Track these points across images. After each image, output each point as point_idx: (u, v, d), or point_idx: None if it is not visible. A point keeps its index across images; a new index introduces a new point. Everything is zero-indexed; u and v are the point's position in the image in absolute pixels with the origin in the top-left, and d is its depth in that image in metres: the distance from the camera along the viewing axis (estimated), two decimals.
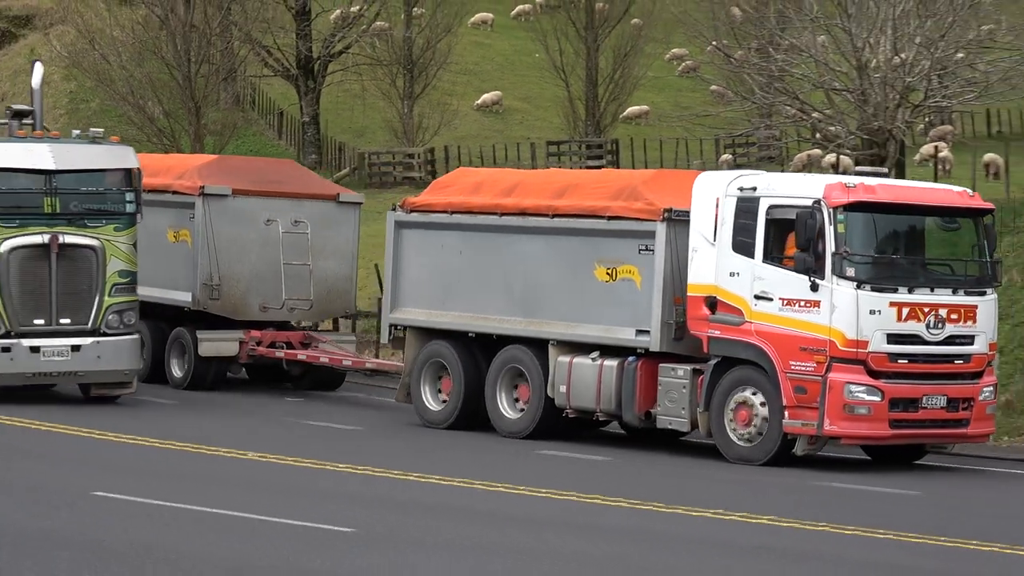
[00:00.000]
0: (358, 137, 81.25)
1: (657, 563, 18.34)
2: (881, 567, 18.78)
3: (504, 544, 19.04)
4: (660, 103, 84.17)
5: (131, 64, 70.95)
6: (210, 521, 19.72)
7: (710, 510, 22.12)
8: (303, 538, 18.54)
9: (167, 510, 20.30)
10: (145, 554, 17.36)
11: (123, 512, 20.23)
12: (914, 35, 43.96)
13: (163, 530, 18.93)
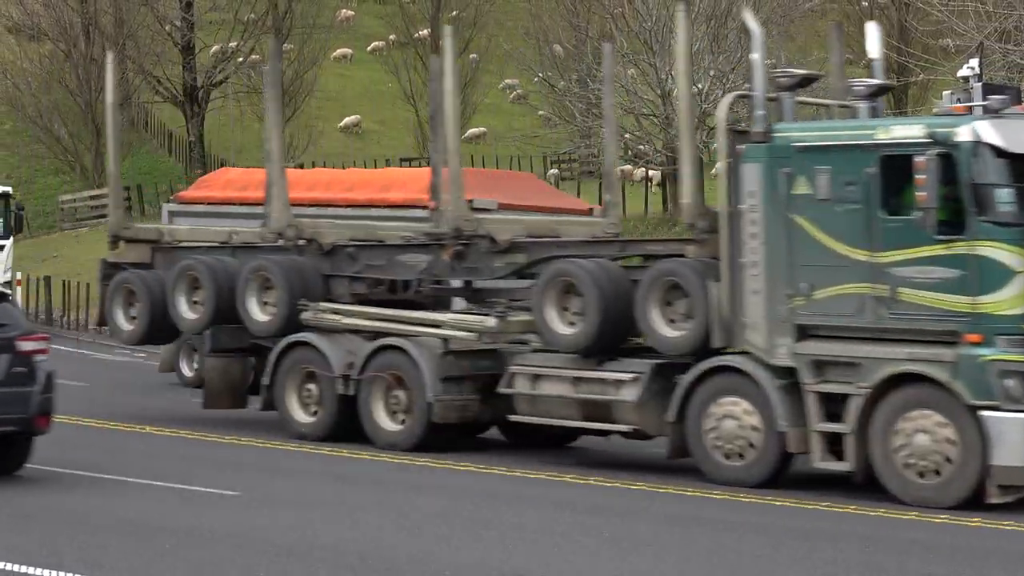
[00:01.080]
0: (238, 154, 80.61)
1: None
2: None
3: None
4: (496, 125, 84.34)
5: (39, 92, 70.15)
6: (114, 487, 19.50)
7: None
8: None
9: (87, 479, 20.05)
10: (60, 518, 17.16)
11: (45, 481, 19.94)
12: (708, 69, 44.50)
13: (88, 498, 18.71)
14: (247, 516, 17.41)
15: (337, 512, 17.78)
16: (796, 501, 19.46)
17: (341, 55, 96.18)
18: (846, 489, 19.88)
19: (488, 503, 19.00)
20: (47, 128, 69.32)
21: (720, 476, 20.60)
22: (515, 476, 21.56)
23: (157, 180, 74.89)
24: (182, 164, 78.59)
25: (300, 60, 78.30)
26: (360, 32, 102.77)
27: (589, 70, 48.77)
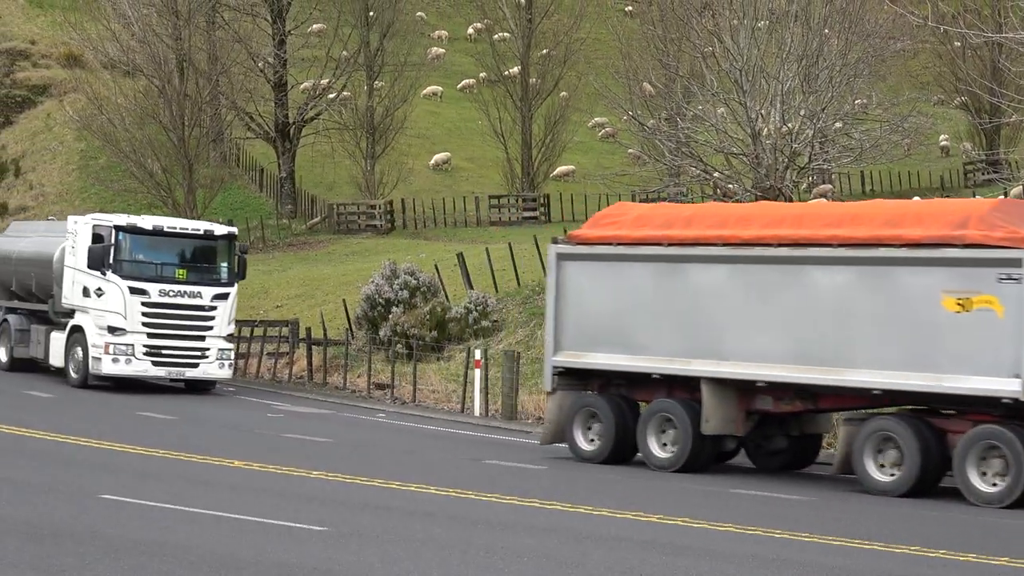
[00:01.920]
0: (328, 190, 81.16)
1: None
2: None
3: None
4: (584, 163, 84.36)
5: (133, 127, 70.75)
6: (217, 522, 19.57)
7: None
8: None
9: (169, 512, 20.14)
10: (147, 550, 17.24)
11: (127, 513, 20.04)
12: (799, 108, 44.29)
13: (164, 529, 18.80)
14: (334, 552, 17.40)
15: (422, 548, 17.74)
16: None
17: (431, 92, 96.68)
18: None
19: (571, 544, 18.90)
20: (140, 163, 69.90)
21: None
22: (601, 516, 21.44)
23: (248, 215, 75.43)
24: (273, 200, 79.11)
25: (391, 97, 78.71)
26: (451, 69, 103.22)
27: (679, 108, 48.66)
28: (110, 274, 39.47)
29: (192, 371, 40.07)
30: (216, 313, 40.08)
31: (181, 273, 40.09)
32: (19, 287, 43.74)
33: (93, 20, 76.53)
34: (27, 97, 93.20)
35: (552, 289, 29.13)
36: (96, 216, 41.43)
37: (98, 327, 39.48)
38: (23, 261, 43.53)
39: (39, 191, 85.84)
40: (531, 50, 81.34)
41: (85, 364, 39.83)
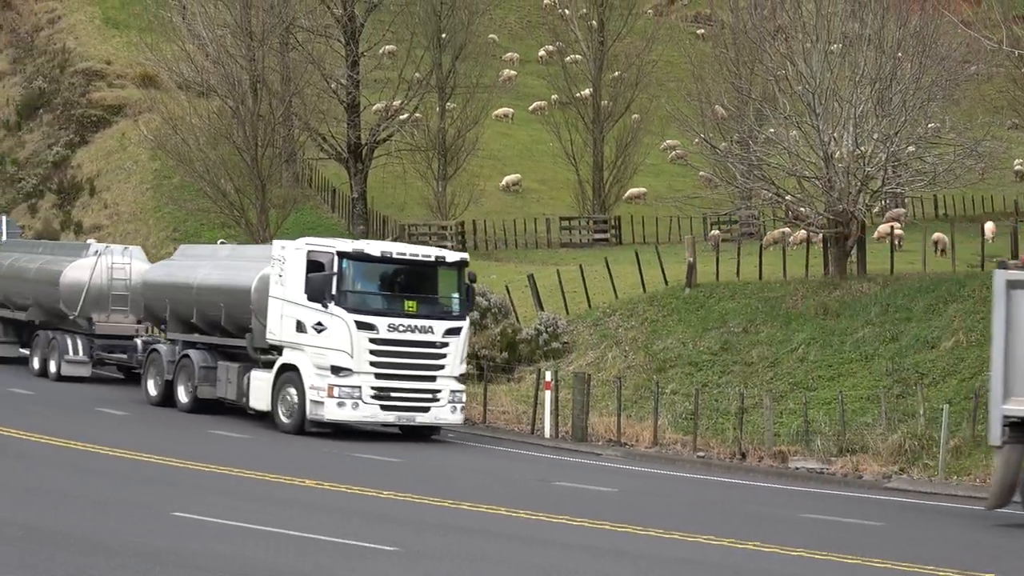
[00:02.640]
0: (399, 211, 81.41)
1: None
2: None
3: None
4: (656, 186, 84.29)
5: (207, 147, 71.21)
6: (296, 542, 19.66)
7: None
8: None
9: (250, 531, 20.25)
10: (219, 566, 17.34)
11: (201, 531, 20.16)
12: (872, 132, 44.12)
13: (239, 546, 18.90)
14: (404, 571, 17.46)
15: (493, 570, 17.76)
16: None
17: (502, 114, 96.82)
18: None
19: (656, 568, 18.87)
20: (214, 183, 70.35)
21: None
22: (672, 539, 21.39)
23: (320, 235, 75.70)
24: (345, 220, 79.44)
25: (462, 118, 78.96)
26: (522, 92, 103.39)
27: (751, 131, 48.57)
28: (333, 306, 34.79)
29: (422, 416, 35.64)
30: (448, 350, 35.60)
31: (411, 305, 35.46)
32: (202, 319, 39.74)
33: (168, 41, 77.09)
34: (102, 117, 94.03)
35: (1000, 323, 25.27)
36: (311, 241, 36.72)
37: (317, 367, 35.06)
38: (209, 291, 39.25)
39: (113, 210, 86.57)
40: (603, 72, 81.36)
41: (301, 408, 35.36)
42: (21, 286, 48.70)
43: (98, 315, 46.00)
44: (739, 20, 62.18)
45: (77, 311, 45.84)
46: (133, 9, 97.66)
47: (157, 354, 40.92)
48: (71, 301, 45.87)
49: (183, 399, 39.65)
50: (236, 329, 38.29)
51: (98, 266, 45.91)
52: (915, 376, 36.26)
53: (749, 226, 68.48)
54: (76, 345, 45.81)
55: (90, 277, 45.82)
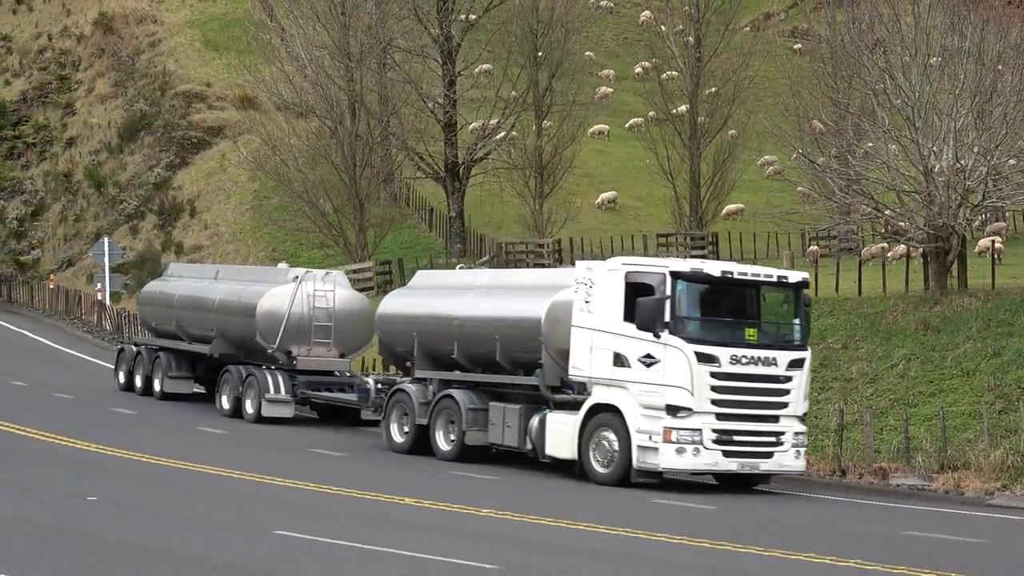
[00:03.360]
0: (496, 229, 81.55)
1: None
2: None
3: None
4: (753, 202, 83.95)
5: (306, 167, 71.80)
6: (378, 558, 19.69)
7: None
8: None
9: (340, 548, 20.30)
10: None
11: (299, 549, 20.26)
12: (972, 145, 43.72)
13: (333, 566, 18.96)
14: None
15: None
16: None
17: (597, 131, 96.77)
18: None
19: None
20: (312, 203, 70.89)
21: None
22: (773, 557, 21.24)
23: (418, 255, 76.06)
24: (442, 239, 79.70)
25: (559, 136, 79.00)
26: (619, 109, 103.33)
27: (849, 146, 48.25)
28: (667, 336, 30.23)
29: (766, 463, 31.28)
30: (791, 385, 31.30)
31: (751, 334, 31.15)
32: (465, 355, 35.04)
33: (267, 63, 77.79)
34: (202, 139, 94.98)
35: None
36: (628, 261, 32.29)
37: (645, 406, 30.50)
38: (478, 323, 34.54)
39: (213, 230, 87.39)
40: (700, 88, 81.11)
41: (624, 455, 30.73)
42: (201, 316, 44.59)
43: (297, 348, 41.55)
44: (837, 34, 61.76)
45: (276, 344, 41.40)
46: (232, 32, 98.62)
47: (405, 395, 35.69)
48: (269, 333, 41.44)
49: (443, 446, 34.69)
50: (512, 365, 33.76)
51: (298, 294, 41.55)
52: (1018, 392, 35.84)
53: (848, 241, 67.97)
54: (278, 382, 41.10)
55: (289, 306, 41.40)
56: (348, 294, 42.50)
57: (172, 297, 46.48)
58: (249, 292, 42.42)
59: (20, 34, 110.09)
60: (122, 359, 48.84)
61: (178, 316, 45.66)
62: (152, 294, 48.78)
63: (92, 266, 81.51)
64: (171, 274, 49.77)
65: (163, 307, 46.98)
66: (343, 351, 42.03)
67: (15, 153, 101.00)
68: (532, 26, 78.64)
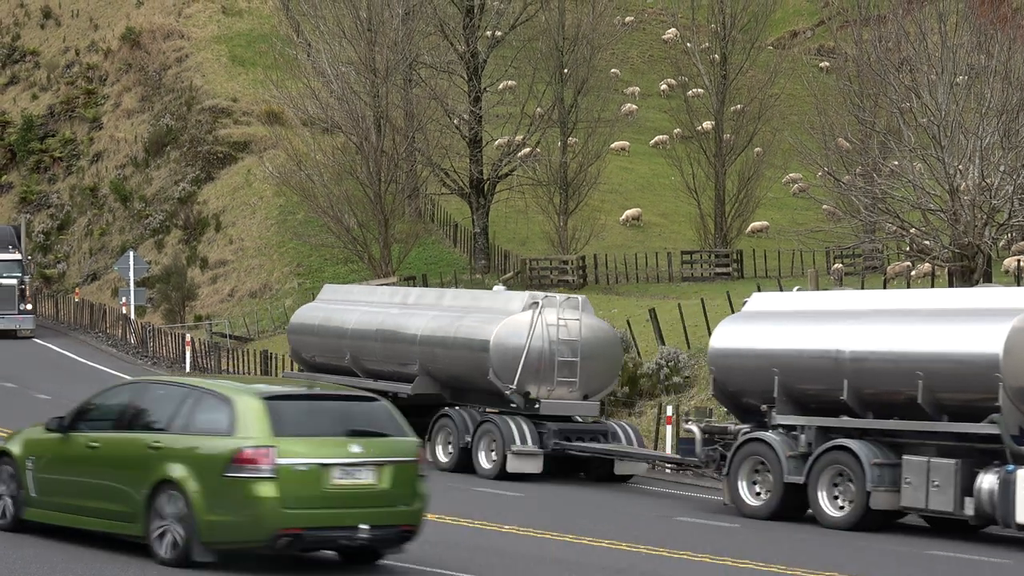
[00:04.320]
0: (521, 245, 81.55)
1: None
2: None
3: None
4: (778, 219, 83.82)
5: (331, 183, 71.88)
6: None
7: None
8: None
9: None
10: None
11: None
12: (999, 164, 43.58)
13: None
14: None
15: None
16: None
17: (619, 147, 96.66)
18: None
19: None
20: (338, 218, 70.97)
21: None
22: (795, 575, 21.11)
23: (442, 271, 76.09)
24: (466, 255, 79.73)
25: (584, 153, 79.05)
26: (644, 125, 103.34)
27: (875, 164, 48.15)
28: None
29: None
30: None
31: None
32: (857, 397, 28.24)
33: (293, 78, 77.94)
34: (228, 153, 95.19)
35: None
36: None
37: None
38: (884, 359, 27.78)
39: (239, 245, 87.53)
40: (725, 106, 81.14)
41: None
42: (393, 349, 37.08)
43: (536, 388, 34.20)
44: (863, 52, 61.69)
45: (515, 383, 34.00)
46: (259, 47, 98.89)
47: (762, 447, 29.09)
48: (506, 371, 34.03)
49: (830, 511, 28.02)
50: (935, 409, 27.12)
51: (538, 323, 34.33)
52: None
53: (872, 259, 67.84)
54: (523, 431, 33.82)
55: (528, 338, 34.09)
56: (595, 323, 35.43)
57: (343, 326, 38.67)
58: (473, 321, 35.05)
59: (48, 49, 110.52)
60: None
61: (355, 348, 38.10)
62: (309, 322, 40.62)
63: (117, 280, 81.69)
64: (329, 297, 41.91)
65: (330, 337, 39.06)
66: (586, 392, 34.82)
67: (42, 167, 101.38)
68: (558, 43, 78.73)
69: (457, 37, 76.73)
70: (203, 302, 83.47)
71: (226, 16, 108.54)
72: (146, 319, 75.42)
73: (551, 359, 34.13)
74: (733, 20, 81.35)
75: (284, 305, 76.84)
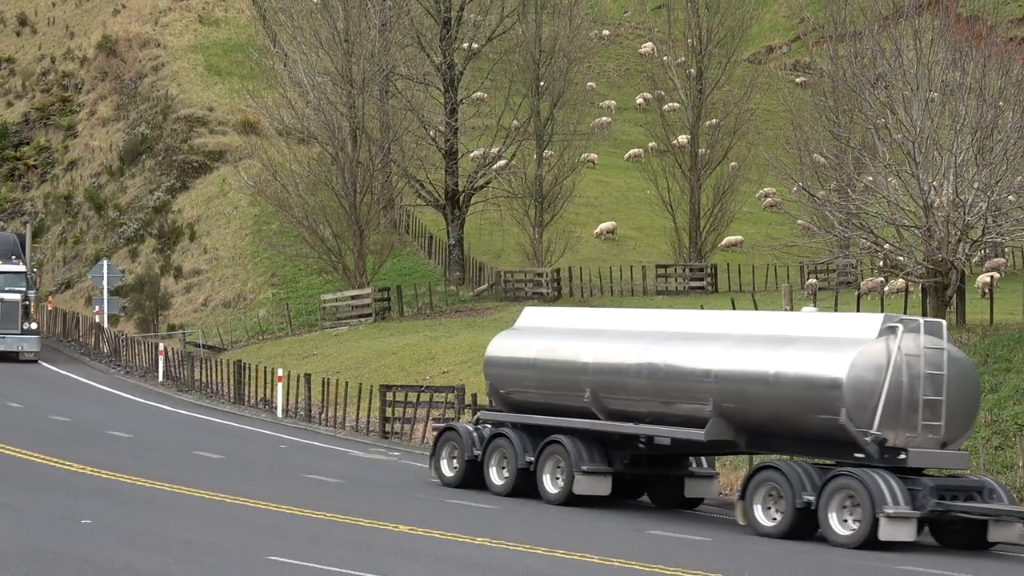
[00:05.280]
0: (496, 258, 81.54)
1: None
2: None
3: None
4: (753, 234, 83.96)
5: (306, 193, 71.86)
6: None
7: None
8: None
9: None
10: None
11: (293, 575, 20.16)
12: (973, 181, 43.73)
13: None
14: None
15: None
16: None
17: (587, 159, 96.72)
18: None
19: None
20: (313, 228, 70.94)
21: None
22: None
23: (416, 282, 76.01)
24: (441, 266, 79.68)
25: (559, 166, 79.10)
26: (620, 139, 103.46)
27: (849, 179, 48.28)
28: None
29: None
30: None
31: None
32: None
33: (269, 88, 77.90)
34: (203, 163, 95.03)
35: None
36: None
37: None
38: None
39: (213, 255, 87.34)
40: (701, 120, 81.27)
41: None
42: (674, 387, 30.47)
43: (895, 435, 27.74)
44: (838, 68, 61.91)
45: (874, 428, 27.54)
46: (235, 57, 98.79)
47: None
48: (863, 413, 27.56)
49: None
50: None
51: (895, 353, 27.85)
52: (1015, 427, 35.72)
53: (847, 275, 67.99)
54: (893, 490, 27.07)
55: (887, 373, 27.65)
56: (957, 354, 29.20)
57: (579, 359, 32.07)
58: (807, 352, 28.66)
59: (23, 56, 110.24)
60: (451, 442, 33.83)
61: (600, 385, 31.58)
62: (520, 354, 33.74)
63: (91, 288, 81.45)
64: (538, 324, 34.61)
65: (557, 372, 32.61)
66: (945, 439, 28.44)
67: (16, 174, 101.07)
68: (535, 55, 78.80)
69: (434, 49, 76.75)
70: (177, 311, 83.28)
71: (203, 25, 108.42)
72: (119, 328, 75.19)
73: (914, 398, 27.86)
74: (709, 35, 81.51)
75: (258, 315, 76.71)
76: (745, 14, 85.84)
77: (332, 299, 72.33)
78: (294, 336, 70.73)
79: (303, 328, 72.51)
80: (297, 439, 43.95)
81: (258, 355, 63.41)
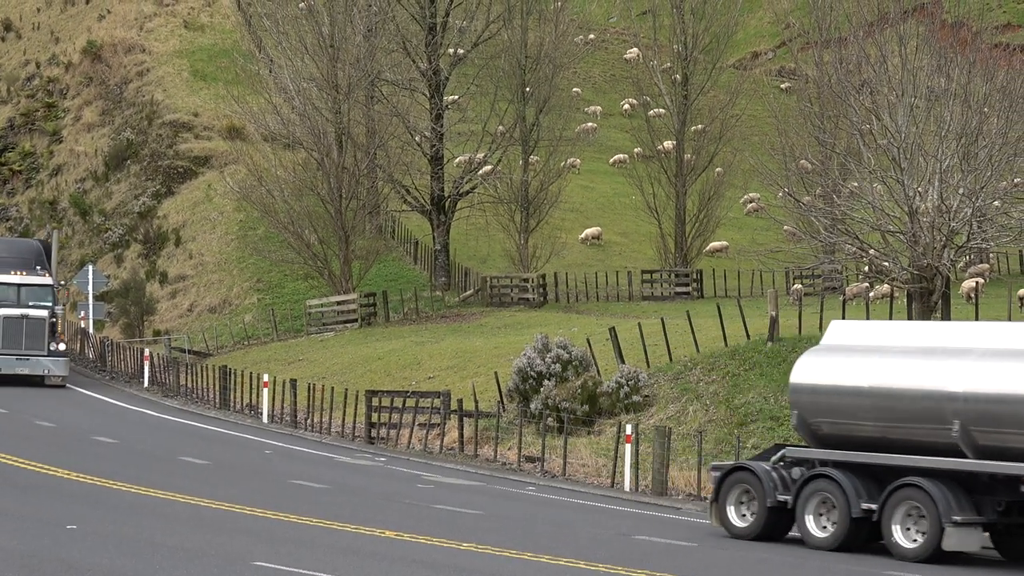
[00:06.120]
0: (481, 263, 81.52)
1: None
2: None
3: None
4: (738, 239, 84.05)
5: (292, 198, 71.83)
6: None
7: None
8: None
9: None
10: None
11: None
12: (958, 187, 43.77)
13: None
14: None
15: None
16: None
17: (570, 164, 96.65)
18: None
19: None
20: (298, 234, 70.92)
21: None
22: None
23: (402, 287, 75.98)
24: (427, 272, 79.65)
25: (545, 171, 79.11)
26: (605, 144, 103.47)
27: (835, 185, 48.33)
28: None
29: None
30: None
31: None
32: None
33: (255, 93, 77.86)
34: (189, 168, 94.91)
35: None
36: None
37: None
38: None
39: (198, 260, 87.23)
40: (686, 126, 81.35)
41: None
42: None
43: None
44: (824, 74, 62.00)
45: None
46: (221, 62, 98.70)
47: None
48: None
49: None
50: None
51: None
52: None
53: (832, 280, 68.06)
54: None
55: None
56: None
57: (944, 388, 26.41)
58: None
59: (8, 61, 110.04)
60: (742, 484, 28.39)
61: (976, 417, 26.16)
62: (846, 382, 27.99)
63: (76, 294, 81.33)
64: (862, 342, 28.61)
65: (911, 401, 26.95)
66: None
67: (1, 180, 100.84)
68: (520, 61, 78.82)
69: (419, 54, 76.74)
70: (162, 317, 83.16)
71: (188, 31, 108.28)
72: (105, 333, 75.06)
73: None
74: (695, 40, 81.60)
75: (244, 321, 76.61)
76: (730, 20, 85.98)
77: (318, 305, 72.30)
78: (280, 342, 70.65)
79: (289, 334, 72.46)
80: (283, 444, 43.91)
81: (244, 360, 63.35)
